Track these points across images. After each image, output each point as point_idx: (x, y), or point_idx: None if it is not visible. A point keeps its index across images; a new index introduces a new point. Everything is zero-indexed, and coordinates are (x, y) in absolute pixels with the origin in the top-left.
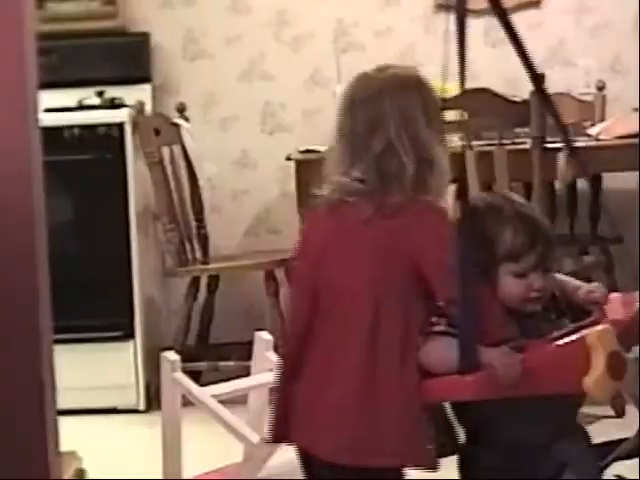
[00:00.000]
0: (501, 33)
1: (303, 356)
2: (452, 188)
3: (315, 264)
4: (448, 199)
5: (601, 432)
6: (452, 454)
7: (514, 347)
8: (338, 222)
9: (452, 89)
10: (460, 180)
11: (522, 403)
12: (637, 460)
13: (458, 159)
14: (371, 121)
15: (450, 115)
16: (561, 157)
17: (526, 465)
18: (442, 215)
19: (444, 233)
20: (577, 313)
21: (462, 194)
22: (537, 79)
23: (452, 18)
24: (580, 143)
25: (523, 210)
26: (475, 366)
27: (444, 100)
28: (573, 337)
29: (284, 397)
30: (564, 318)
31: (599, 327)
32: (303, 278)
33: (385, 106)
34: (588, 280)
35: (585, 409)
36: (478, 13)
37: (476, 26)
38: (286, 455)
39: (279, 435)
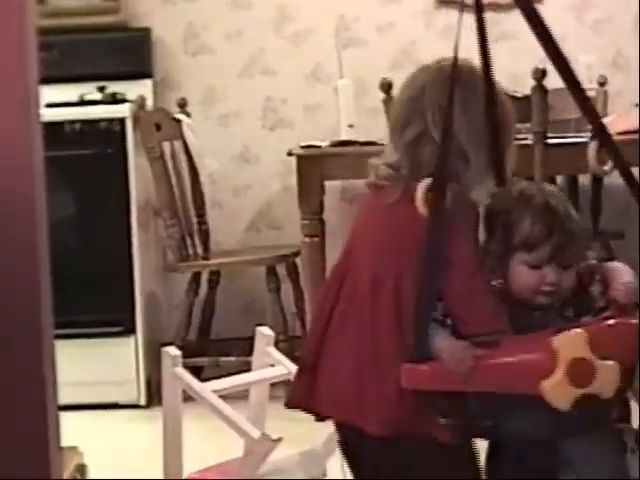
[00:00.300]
0: (502, 28)
1: (331, 335)
2: (427, 181)
3: (346, 247)
4: (479, 194)
5: None
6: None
7: (484, 342)
8: (368, 206)
9: None
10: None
11: (529, 398)
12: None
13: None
14: (410, 109)
15: None
16: (592, 147)
17: (532, 460)
18: (465, 205)
19: (463, 224)
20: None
21: (437, 187)
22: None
23: (453, 13)
24: (582, 138)
25: (550, 201)
26: (425, 355)
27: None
28: (535, 338)
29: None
30: (586, 316)
31: (571, 332)
32: (338, 261)
33: (425, 96)
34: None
35: None
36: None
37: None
38: (287, 451)
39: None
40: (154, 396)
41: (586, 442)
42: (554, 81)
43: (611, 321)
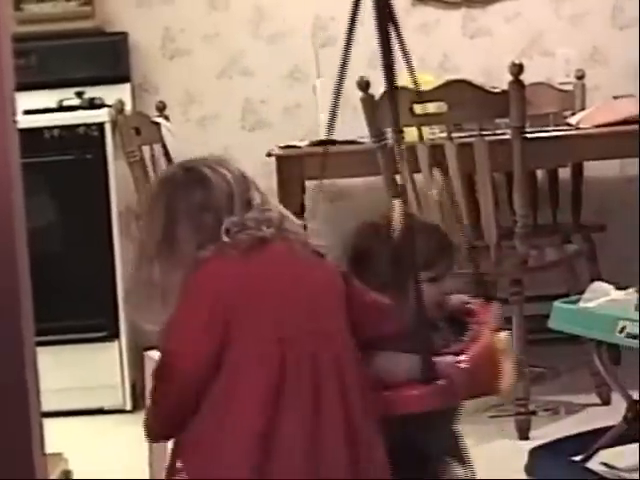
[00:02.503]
0: (478, 24)
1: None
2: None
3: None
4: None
5: (587, 420)
6: None
7: (455, 352)
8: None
9: (430, 81)
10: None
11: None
12: (623, 447)
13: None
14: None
15: (429, 107)
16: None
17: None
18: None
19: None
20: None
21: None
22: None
23: (429, 11)
24: (561, 132)
25: (423, 220)
26: (435, 376)
27: (421, 93)
28: (483, 343)
29: None
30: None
31: (504, 333)
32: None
33: None
34: (571, 270)
35: (571, 398)
36: (456, 5)
37: (454, 18)
38: None
39: None
40: (139, 401)
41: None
42: (531, 76)
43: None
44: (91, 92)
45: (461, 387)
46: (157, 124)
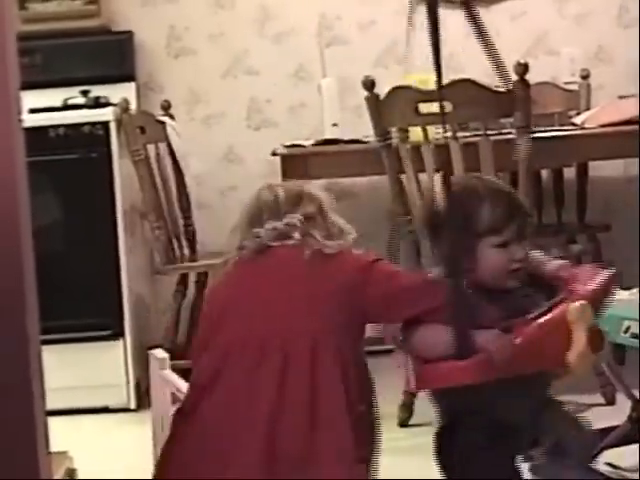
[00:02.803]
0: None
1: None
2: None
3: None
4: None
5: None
6: None
7: (505, 328)
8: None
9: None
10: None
11: (505, 382)
12: (627, 447)
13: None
14: None
15: (434, 106)
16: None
17: (508, 441)
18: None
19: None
20: (547, 288)
21: (447, 183)
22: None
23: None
24: (566, 132)
25: (496, 186)
26: (471, 351)
27: (424, 92)
28: (553, 314)
29: None
30: (540, 293)
31: (577, 303)
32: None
33: None
34: None
35: (575, 397)
36: (459, 4)
37: (458, 17)
38: None
39: None
40: (144, 399)
41: (556, 411)
42: (536, 75)
43: (592, 285)
44: (96, 91)
45: (505, 361)
46: (162, 123)
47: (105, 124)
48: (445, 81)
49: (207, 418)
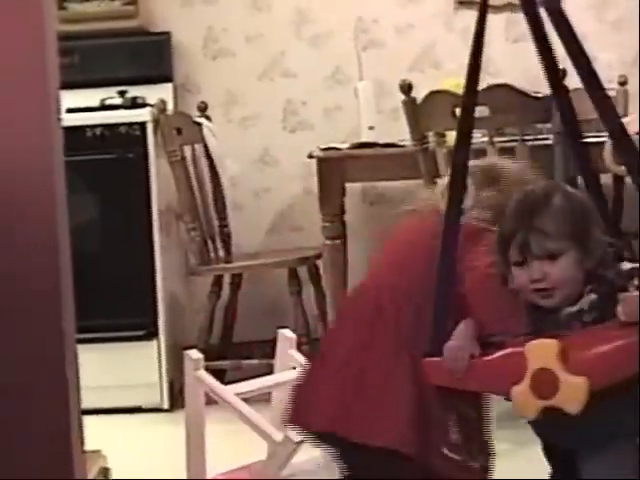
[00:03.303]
0: (522, 29)
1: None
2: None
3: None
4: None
5: None
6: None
7: (492, 342)
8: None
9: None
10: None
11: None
12: None
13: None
14: None
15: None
16: (607, 146)
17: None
18: None
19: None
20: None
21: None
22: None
23: (472, 14)
24: (602, 139)
25: (526, 195)
26: (439, 351)
27: (461, 96)
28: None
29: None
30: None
31: (542, 340)
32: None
33: None
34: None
35: None
36: (499, 9)
37: (497, 22)
38: (310, 453)
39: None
40: (177, 399)
41: (597, 457)
42: (575, 81)
43: (587, 336)
44: (133, 91)
45: (457, 374)
46: (199, 124)
47: (142, 125)
48: (482, 86)
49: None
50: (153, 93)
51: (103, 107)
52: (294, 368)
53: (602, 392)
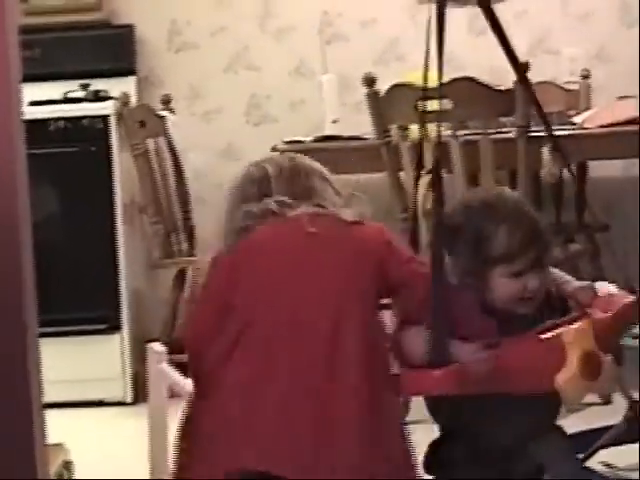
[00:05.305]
0: (485, 22)
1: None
2: (426, 179)
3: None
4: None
5: (588, 419)
6: None
7: (490, 344)
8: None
9: (435, 78)
10: (435, 171)
11: (495, 402)
12: (623, 447)
13: (435, 150)
14: None
15: (434, 104)
16: (545, 152)
17: (500, 465)
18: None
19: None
20: (565, 310)
21: (436, 186)
22: (519, 68)
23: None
24: (565, 132)
25: (519, 208)
26: (444, 360)
27: (428, 89)
28: (549, 334)
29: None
30: (556, 315)
31: (576, 325)
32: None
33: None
34: (575, 269)
35: None
36: (462, 2)
37: (460, 15)
38: None
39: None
40: (140, 392)
41: (553, 440)
42: (537, 74)
43: (610, 312)
44: (96, 84)
45: (481, 376)
46: (162, 117)
47: (105, 118)
48: (445, 79)
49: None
50: (116, 86)
51: (66, 100)
52: None
53: None
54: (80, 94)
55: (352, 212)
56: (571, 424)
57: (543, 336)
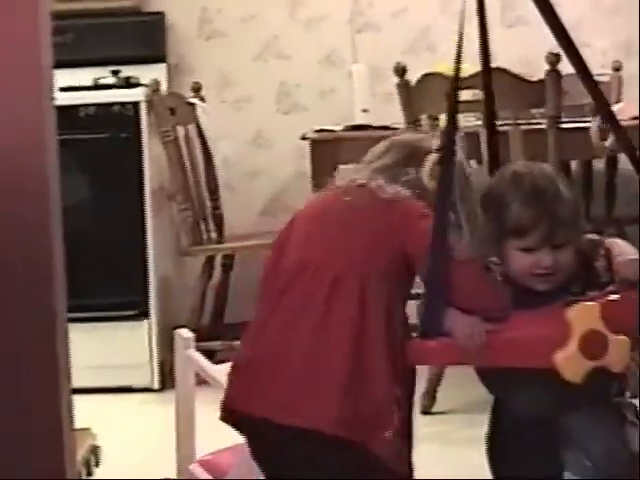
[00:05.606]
0: (516, 13)
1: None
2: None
3: (292, 240)
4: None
5: None
6: None
7: (494, 317)
8: (322, 203)
9: (467, 69)
10: (446, 148)
11: (530, 374)
12: None
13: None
14: None
15: (465, 95)
16: (593, 128)
17: (533, 434)
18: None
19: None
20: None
21: (445, 161)
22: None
23: None
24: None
25: (539, 184)
26: (436, 331)
27: (459, 80)
28: (550, 310)
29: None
30: (592, 291)
31: (582, 304)
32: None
33: None
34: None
35: None
36: None
37: (492, 6)
38: None
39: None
40: (167, 379)
41: (586, 417)
42: (568, 66)
43: (620, 294)
44: (127, 71)
45: (474, 350)
46: (192, 105)
47: (135, 104)
48: (476, 69)
49: (268, 341)
50: (147, 73)
51: (96, 86)
52: None
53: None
54: (111, 80)
55: (392, 190)
56: None
57: (544, 312)
